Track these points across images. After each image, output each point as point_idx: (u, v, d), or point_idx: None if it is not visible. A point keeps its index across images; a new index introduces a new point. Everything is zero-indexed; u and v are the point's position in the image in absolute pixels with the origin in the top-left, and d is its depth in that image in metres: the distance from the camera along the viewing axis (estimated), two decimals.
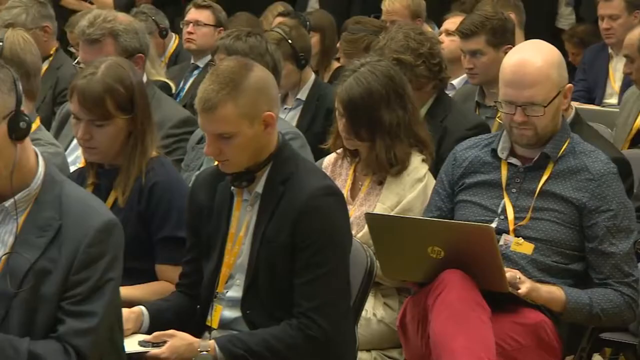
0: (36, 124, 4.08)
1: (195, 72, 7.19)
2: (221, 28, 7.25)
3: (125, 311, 3.48)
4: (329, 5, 8.58)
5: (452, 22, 6.50)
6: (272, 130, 3.63)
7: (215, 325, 3.66)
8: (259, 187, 3.65)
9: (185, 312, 3.74)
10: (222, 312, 3.66)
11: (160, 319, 3.69)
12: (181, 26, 7.42)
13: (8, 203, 3.14)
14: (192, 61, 7.36)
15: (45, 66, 5.98)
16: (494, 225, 3.95)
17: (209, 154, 3.64)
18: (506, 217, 4.00)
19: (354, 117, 4.31)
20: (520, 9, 7.25)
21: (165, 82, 6.08)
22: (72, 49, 6.43)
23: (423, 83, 4.95)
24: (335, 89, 4.44)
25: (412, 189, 4.33)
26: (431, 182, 4.34)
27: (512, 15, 6.41)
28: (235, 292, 3.66)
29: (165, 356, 3.48)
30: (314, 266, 3.54)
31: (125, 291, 3.60)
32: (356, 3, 9.02)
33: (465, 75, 6.02)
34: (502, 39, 5.61)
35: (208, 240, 3.71)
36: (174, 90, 6.46)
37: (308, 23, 6.94)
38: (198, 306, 3.73)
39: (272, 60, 4.68)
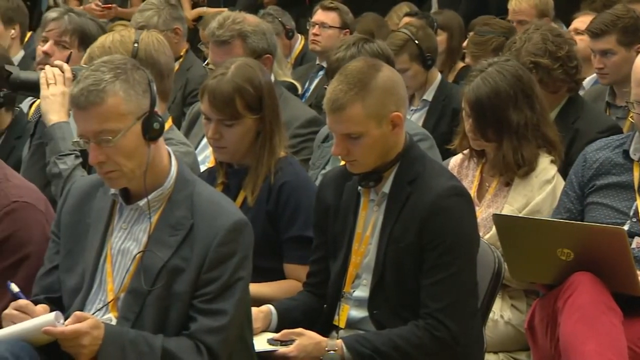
0: (168, 123, 4.15)
1: (320, 72, 7.23)
2: (347, 30, 7.29)
3: (254, 310, 3.52)
4: (446, 6, 8.52)
5: (582, 21, 6.39)
6: (400, 130, 3.63)
7: (342, 324, 3.68)
8: (386, 187, 3.65)
9: (313, 311, 3.76)
10: (349, 311, 3.68)
11: (288, 317, 3.71)
12: (307, 27, 7.47)
13: (142, 202, 3.21)
14: (317, 62, 7.41)
15: (175, 67, 6.07)
16: (625, 228, 3.88)
17: (337, 153, 3.66)
18: (638, 220, 3.93)
19: (480, 117, 4.28)
20: None
21: (291, 82, 6.12)
22: (201, 47, 6.51)
23: (559, 86, 4.89)
24: (462, 89, 4.42)
25: (541, 190, 4.27)
26: (560, 183, 4.28)
27: None
28: (362, 291, 3.67)
29: (293, 355, 3.50)
30: (441, 267, 3.53)
31: (256, 288, 3.66)
32: (463, 3, 8.91)
33: (594, 75, 5.92)
34: (634, 37, 5.50)
35: (335, 240, 3.73)
36: (300, 91, 6.50)
37: (435, 23, 6.92)
38: (325, 305, 3.74)
39: (385, 59, 4.66)
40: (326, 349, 3.51)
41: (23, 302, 3.13)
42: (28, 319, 3.08)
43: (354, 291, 3.68)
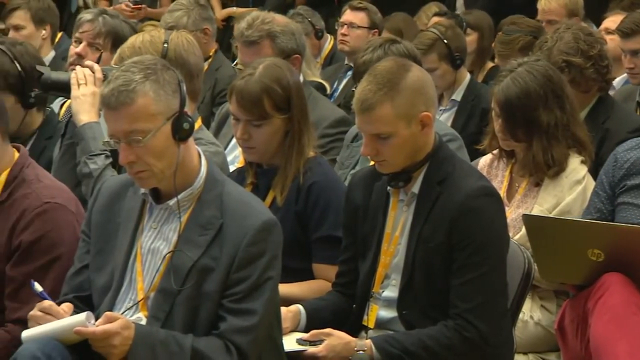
0: (198, 123, 4.15)
1: (349, 72, 7.21)
2: (375, 30, 7.28)
3: (283, 310, 3.52)
4: (470, 4, 8.50)
5: (613, 20, 6.37)
6: (429, 130, 3.62)
7: (371, 325, 3.67)
8: (416, 188, 3.64)
9: (342, 311, 3.76)
10: (378, 312, 3.67)
11: (317, 317, 3.71)
12: (336, 27, 7.47)
13: (172, 202, 3.22)
14: (345, 62, 7.40)
15: (204, 67, 6.08)
16: None
17: (366, 154, 3.66)
18: None
19: (510, 118, 4.27)
20: None
21: (320, 82, 6.12)
22: (233, 42, 6.52)
23: (591, 86, 4.88)
24: (491, 89, 4.40)
25: (571, 190, 4.25)
26: (590, 183, 4.26)
27: None
28: (391, 292, 3.66)
29: (322, 355, 3.50)
30: (471, 267, 3.52)
31: (285, 288, 3.66)
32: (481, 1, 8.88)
33: (625, 74, 5.90)
34: None
35: (364, 240, 3.73)
36: (328, 91, 6.50)
37: (464, 23, 6.91)
38: (354, 305, 3.74)
39: (412, 60, 4.65)
40: (355, 349, 3.51)
41: (47, 303, 3.14)
42: (52, 319, 3.10)
43: (383, 291, 3.68)
